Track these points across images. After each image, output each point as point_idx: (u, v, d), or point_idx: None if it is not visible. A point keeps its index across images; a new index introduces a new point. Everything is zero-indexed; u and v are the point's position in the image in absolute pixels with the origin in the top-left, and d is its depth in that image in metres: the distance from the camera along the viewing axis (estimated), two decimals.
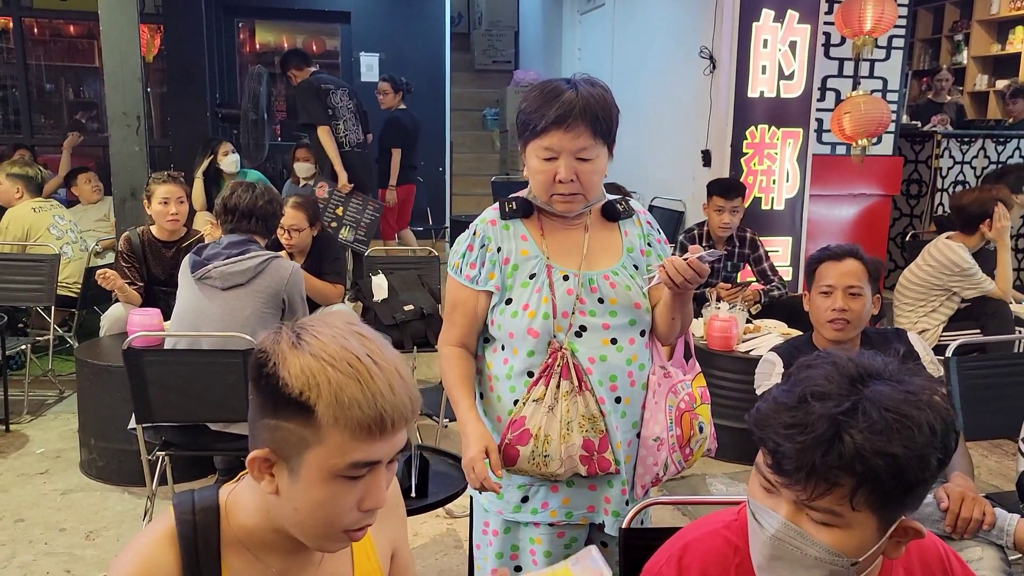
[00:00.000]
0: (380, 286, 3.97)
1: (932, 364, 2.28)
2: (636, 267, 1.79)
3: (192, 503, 1.04)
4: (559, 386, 1.70)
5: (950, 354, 2.65)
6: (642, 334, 1.78)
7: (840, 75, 5.21)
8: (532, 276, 1.74)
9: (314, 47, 9.16)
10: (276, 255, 2.98)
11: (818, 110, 4.91)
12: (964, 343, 2.87)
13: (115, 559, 1.02)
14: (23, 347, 4.28)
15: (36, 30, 8.22)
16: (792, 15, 4.64)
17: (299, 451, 0.96)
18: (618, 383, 1.74)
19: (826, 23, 4.82)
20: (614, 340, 1.74)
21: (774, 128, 4.76)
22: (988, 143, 5.85)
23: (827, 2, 4.81)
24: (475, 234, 1.79)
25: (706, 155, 5.20)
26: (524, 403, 1.72)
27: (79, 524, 3.10)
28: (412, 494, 2.13)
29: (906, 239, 5.62)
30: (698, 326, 3.76)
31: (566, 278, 1.73)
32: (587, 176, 1.68)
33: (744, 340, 3.72)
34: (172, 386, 2.72)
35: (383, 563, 1.19)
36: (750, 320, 3.92)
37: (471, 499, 2.00)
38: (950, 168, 5.79)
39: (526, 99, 1.70)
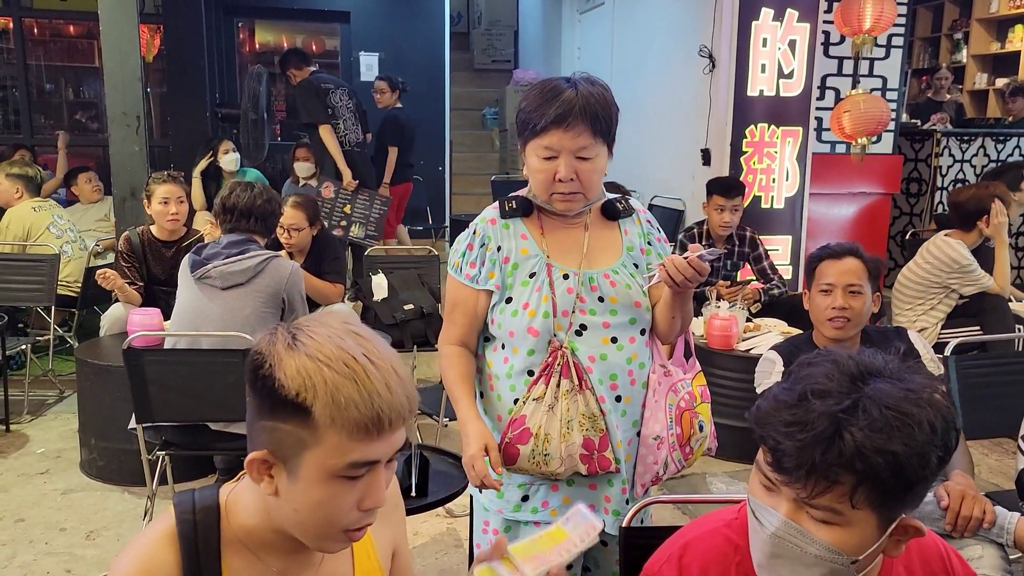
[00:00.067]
0: (380, 285, 3.97)
1: (932, 362, 2.28)
2: (636, 266, 1.79)
3: (192, 503, 1.04)
4: (559, 385, 1.70)
5: (949, 352, 2.65)
6: (642, 333, 1.78)
7: (840, 74, 5.21)
8: (532, 275, 1.74)
9: (314, 47, 9.16)
10: (276, 254, 2.98)
11: (818, 109, 4.91)
12: (963, 341, 2.87)
13: (115, 559, 1.02)
14: (23, 347, 4.28)
15: (36, 30, 8.22)
16: (791, 14, 4.64)
17: (297, 452, 0.96)
18: (618, 382, 1.74)
19: (825, 22, 4.81)
20: (614, 339, 1.74)
21: (774, 127, 4.76)
22: (988, 141, 5.84)
23: (826, 1, 4.81)
24: (475, 233, 1.78)
25: (706, 154, 5.20)
26: (524, 402, 1.72)
27: (79, 524, 3.10)
28: (412, 493, 2.12)
29: (906, 237, 5.63)
30: (698, 325, 3.76)
31: (566, 277, 1.73)
32: (587, 175, 1.68)
33: (744, 339, 3.72)
34: (172, 386, 2.72)
35: (383, 562, 1.19)
36: (750, 319, 3.92)
37: (471, 498, 2.00)
38: (950, 166, 5.78)
39: (526, 98, 1.69)
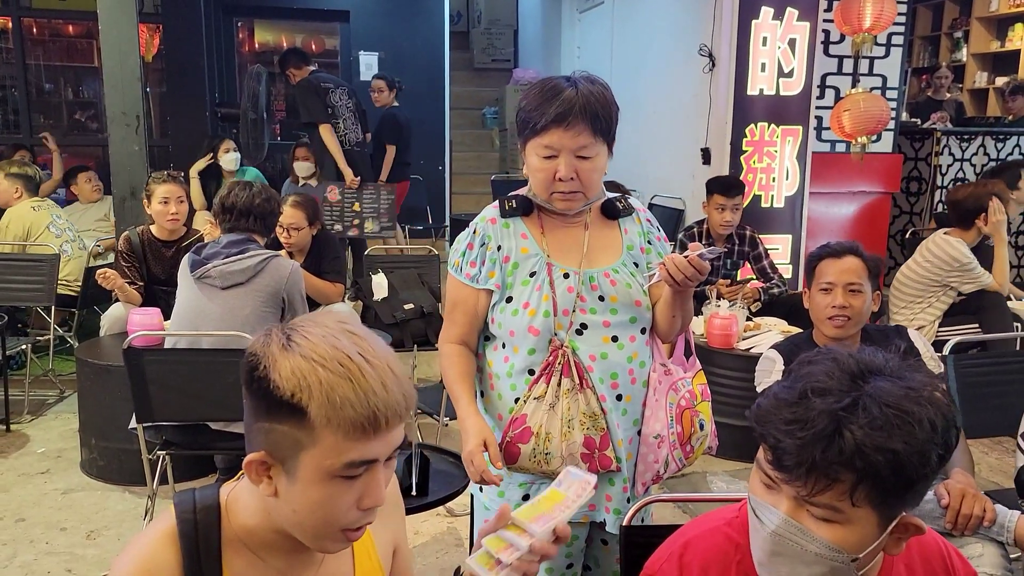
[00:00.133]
0: (380, 285, 3.97)
1: (932, 360, 2.28)
2: (636, 265, 1.79)
3: (193, 502, 1.04)
4: (560, 384, 1.70)
5: (948, 351, 2.64)
6: (643, 332, 1.78)
7: (839, 72, 5.20)
8: (532, 274, 1.74)
9: (313, 46, 9.16)
10: (275, 254, 2.98)
11: (818, 108, 4.90)
12: (962, 340, 2.87)
13: (116, 558, 1.01)
14: (23, 347, 4.29)
15: (35, 30, 8.21)
16: (791, 12, 4.64)
17: (294, 453, 0.95)
18: (619, 381, 1.74)
19: (825, 20, 4.81)
20: (615, 338, 1.74)
21: (774, 126, 4.76)
22: (988, 140, 5.84)
23: None
24: (475, 232, 1.78)
25: (706, 153, 5.19)
26: (525, 401, 1.72)
27: (80, 524, 3.10)
28: (413, 492, 2.13)
29: (906, 236, 5.62)
30: (698, 324, 3.76)
31: (566, 276, 1.73)
32: (587, 174, 1.68)
33: (744, 338, 3.72)
34: (172, 385, 2.72)
35: (384, 561, 1.19)
36: (750, 318, 3.92)
37: (472, 497, 2.00)
38: (950, 165, 5.78)
39: (526, 97, 1.69)
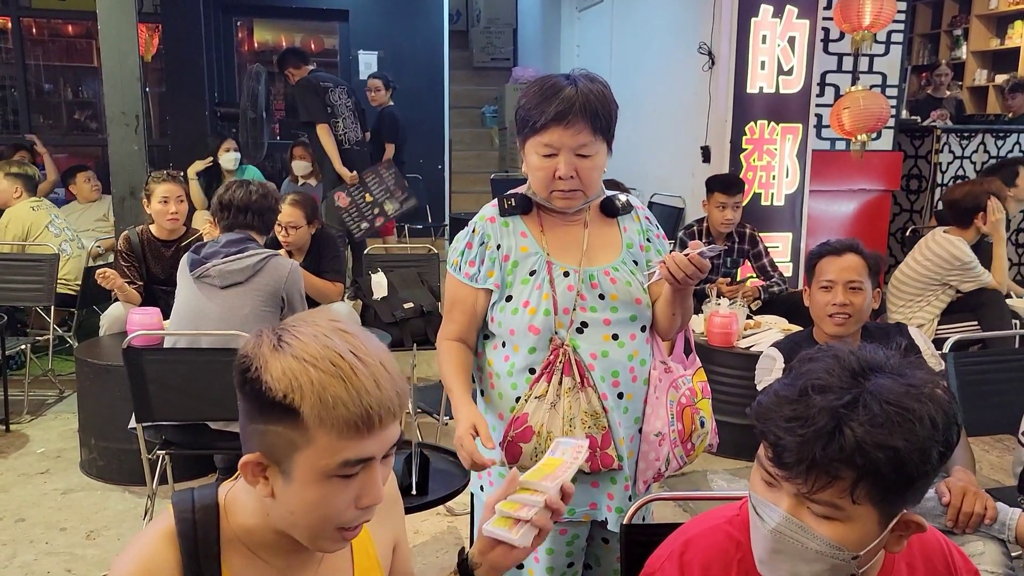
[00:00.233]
0: (380, 284, 3.96)
1: (933, 358, 2.28)
2: (636, 263, 1.79)
3: (191, 502, 1.04)
4: (561, 383, 1.70)
5: (947, 349, 2.64)
6: (643, 330, 1.78)
7: (839, 70, 5.20)
8: (532, 273, 1.74)
9: (312, 45, 9.16)
10: (275, 253, 2.97)
11: (817, 105, 4.90)
12: (962, 338, 2.86)
13: (116, 559, 1.01)
14: (23, 347, 4.28)
15: (35, 30, 8.21)
16: (791, 10, 4.63)
17: (289, 454, 0.95)
18: (620, 379, 1.74)
19: (825, 18, 4.80)
20: (615, 336, 1.74)
21: (773, 124, 4.76)
22: (988, 138, 5.83)
23: None
24: (474, 231, 1.78)
25: (705, 151, 5.19)
26: (526, 400, 1.72)
27: (80, 524, 3.10)
28: (412, 492, 2.12)
29: (906, 234, 5.62)
30: (698, 322, 3.76)
31: (566, 274, 1.73)
32: (587, 172, 1.67)
33: (745, 336, 3.72)
34: (172, 385, 2.71)
35: (383, 560, 1.18)
36: (750, 316, 3.92)
37: (472, 496, 2.00)
38: (950, 163, 5.77)
39: (525, 95, 1.69)
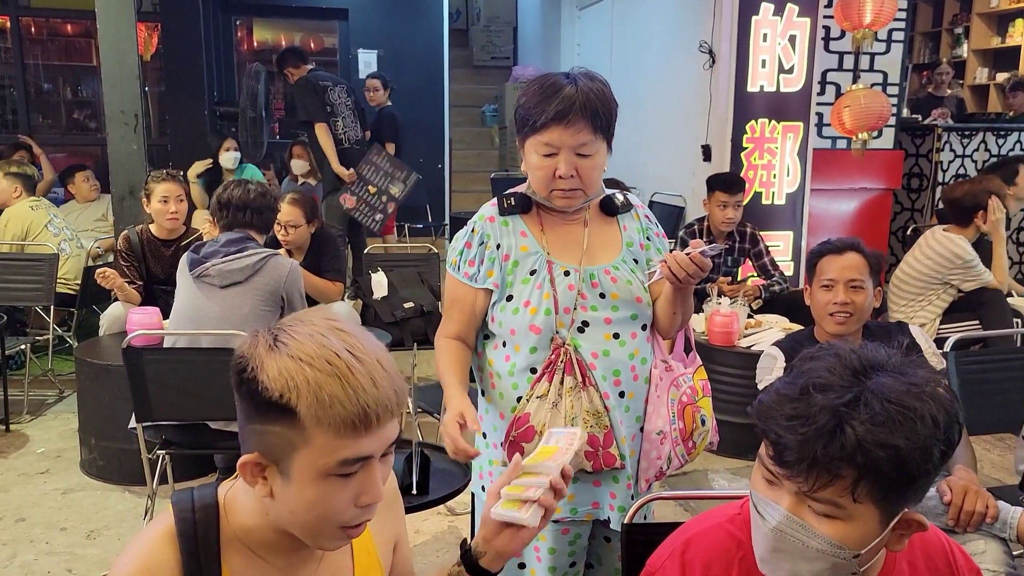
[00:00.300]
0: (380, 284, 3.96)
1: (934, 356, 2.27)
2: (636, 261, 1.78)
3: (191, 501, 1.04)
4: (563, 382, 1.70)
5: (948, 348, 2.64)
6: (643, 328, 1.78)
7: (840, 69, 5.19)
8: (533, 272, 1.73)
9: (312, 44, 9.15)
10: (275, 252, 2.97)
11: (818, 104, 4.89)
12: (963, 337, 2.86)
13: (116, 558, 1.01)
14: (23, 347, 4.28)
15: (34, 29, 8.20)
16: (791, 9, 4.63)
17: (287, 454, 0.95)
18: (621, 378, 1.73)
19: (826, 17, 4.80)
20: (616, 335, 1.73)
21: (774, 122, 4.75)
22: (989, 136, 5.83)
23: None
24: (473, 231, 1.78)
25: (706, 150, 5.18)
26: (528, 400, 1.71)
27: (80, 523, 3.10)
28: (413, 491, 2.12)
29: (907, 233, 5.62)
30: (699, 321, 3.76)
31: (567, 273, 1.73)
32: (587, 171, 1.67)
33: (745, 335, 3.72)
34: (172, 385, 2.71)
35: (384, 558, 1.18)
36: (751, 315, 3.91)
37: (472, 496, 2.00)
38: (951, 162, 5.77)
39: (525, 94, 1.68)
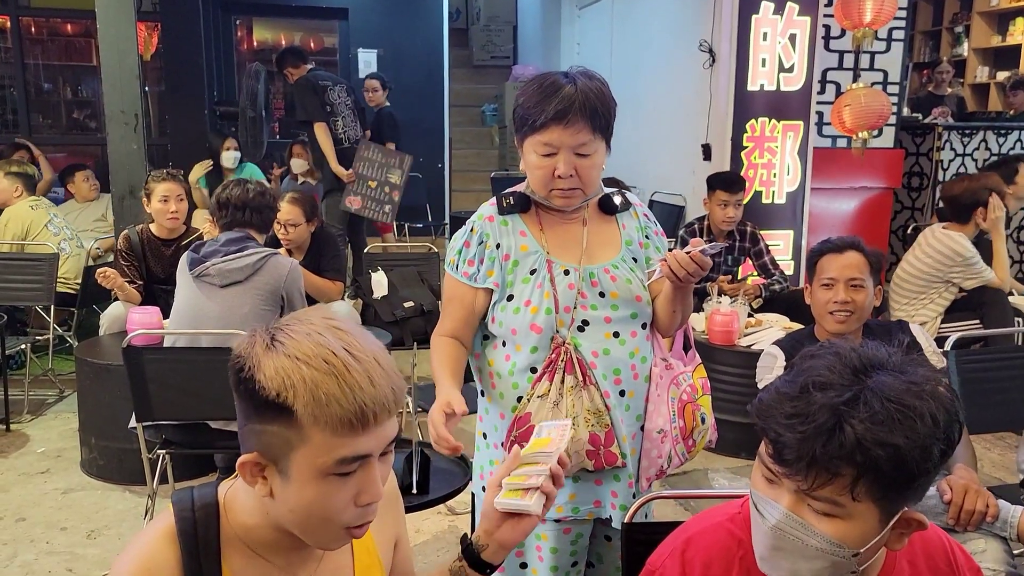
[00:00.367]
0: (380, 283, 3.95)
1: (935, 355, 2.27)
2: (635, 260, 1.78)
3: (191, 500, 1.04)
4: (563, 381, 1.70)
5: (949, 347, 2.63)
6: (643, 327, 1.78)
7: (840, 68, 5.19)
8: (533, 272, 1.73)
9: (312, 44, 9.15)
10: (274, 252, 2.97)
11: (818, 103, 4.89)
12: (963, 335, 2.85)
13: (116, 558, 1.01)
14: (23, 346, 4.28)
15: (34, 29, 8.20)
16: (792, 7, 4.63)
17: (285, 453, 0.95)
18: (622, 376, 1.73)
19: (826, 15, 4.80)
20: (616, 333, 1.73)
21: (774, 121, 4.75)
22: (989, 135, 5.82)
23: None
24: (472, 231, 1.77)
25: (706, 149, 5.18)
26: (528, 399, 1.71)
27: (80, 523, 3.10)
28: (413, 491, 2.12)
29: (908, 232, 5.61)
30: (699, 320, 3.76)
31: (567, 273, 1.73)
32: (586, 171, 1.67)
33: (746, 334, 3.72)
34: (172, 384, 2.71)
35: (384, 557, 1.18)
36: (751, 314, 3.91)
37: (472, 496, 2.00)
38: (951, 160, 5.76)
39: (524, 93, 1.68)
